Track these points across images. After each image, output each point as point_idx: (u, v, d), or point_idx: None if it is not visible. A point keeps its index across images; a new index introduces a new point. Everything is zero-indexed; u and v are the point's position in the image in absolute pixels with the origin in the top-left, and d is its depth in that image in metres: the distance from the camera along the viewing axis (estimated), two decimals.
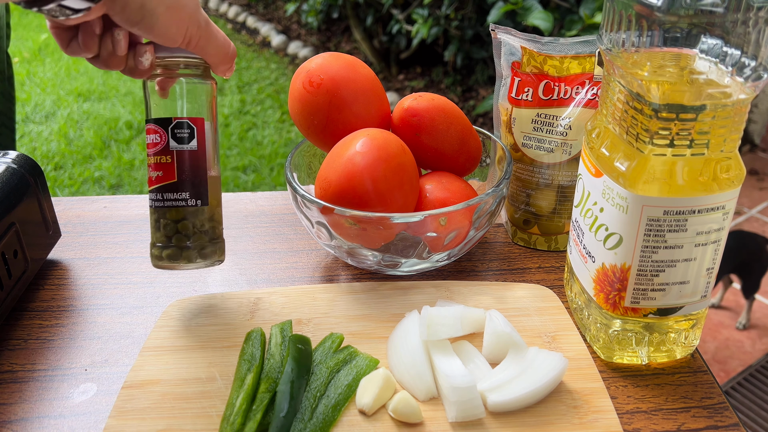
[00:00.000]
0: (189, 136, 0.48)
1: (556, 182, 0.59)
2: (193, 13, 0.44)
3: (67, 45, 0.43)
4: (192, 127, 0.48)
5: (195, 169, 0.49)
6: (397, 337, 0.49)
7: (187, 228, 0.49)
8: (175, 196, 0.48)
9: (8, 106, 0.92)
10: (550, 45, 0.58)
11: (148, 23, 0.41)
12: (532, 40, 0.58)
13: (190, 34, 0.44)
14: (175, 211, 0.49)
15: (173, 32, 0.43)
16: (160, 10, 0.41)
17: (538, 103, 0.58)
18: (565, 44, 0.57)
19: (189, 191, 0.49)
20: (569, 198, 0.60)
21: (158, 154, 0.48)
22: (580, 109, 0.57)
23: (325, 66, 0.55)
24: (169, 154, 0.48)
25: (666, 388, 0.47)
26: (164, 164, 0.48)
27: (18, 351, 0.52)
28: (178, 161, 0.48)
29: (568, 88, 0.57)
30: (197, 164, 0.49)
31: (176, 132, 0.48)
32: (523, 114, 0.59)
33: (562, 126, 0.58)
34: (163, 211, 0.49)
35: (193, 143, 0.48)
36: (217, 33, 0.46)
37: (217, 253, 0.51)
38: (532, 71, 0.58)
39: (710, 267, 0.45)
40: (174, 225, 0.49)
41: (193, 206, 0.49)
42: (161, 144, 0.48)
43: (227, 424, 0.43)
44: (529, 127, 0.59)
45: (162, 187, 0.48)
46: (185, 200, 0.49)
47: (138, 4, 0.40)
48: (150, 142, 0.48)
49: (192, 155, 0.48)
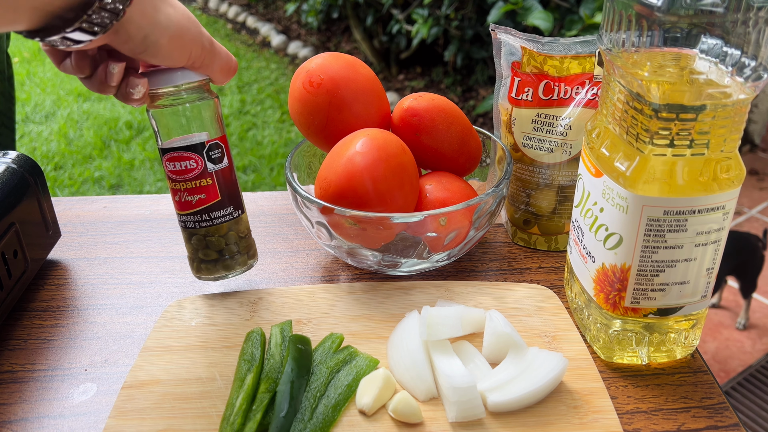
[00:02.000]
0: (221, 155, 0.50)
1: (556, 182, 0.59)
2: (196, 38, 0.44)
3: (60, 63, 0.43)
4: (221, 145, 0.51)
5: (231, 184, 0.52)
6: (397, 337, 0.49)
7: (234, 238, 0.53)
8: (222, 213, 0.52)
9: (8, 106, 0.92)
10: (550, 45, 0.58)
11: (152, 52, 0.41)
12: (532, 40, 0.58)
13: (194, 57, 0.44)
14: (224, 227, 0.52)
15: (176, 57, 0.43)
16: (164, 41, 0.41)
17: (538, 103, 0.58)
18: (565, 44, 0.57)
19: (232, 205, 0.52)
20: (569, 198, 0.60)
21: (197, 179, 0.50)
22: (580, 109, 0.57)
23: (325, 66, 0.55)
24: (209, 176, 0.50)
25: (666, 388, 0.47)
26: (205, 187, 0.50)
27: (18, 351, 0.52)
28: (218, 181, 0.51)
29: (568, 88, 0.57)
30: (232, 178, 0.52)
31: (211, 154, 0.50)
32: (523, 114, 0.59)
33: (562, 126, 0.58)
34: (212, 229, 0.52)
35: (225, 160, 0.51)
36: (220, 51, 0.46)
37: (256, 252, 0.57)
38: (532, 71, 0.58)
39: (710, 267, 0.45)
40: (222, 239, 0.53)
41: (237, 217, 0.53)
42: (199, 168, 0.50)
43: (227, 424, 0.43)
44: (529, 127, 0.59)
45: (207, 207, 0.51)
46: (230, 214, 0.52)
47: (141, 36, 0.40)
48: (180, 168, 0.50)
49: (226, 171, 0.51)
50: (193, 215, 0.51)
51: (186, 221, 0.52)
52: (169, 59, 0.43)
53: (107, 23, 0.37)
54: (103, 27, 0.37)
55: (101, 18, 0.37)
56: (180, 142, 0.49)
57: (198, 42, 0.44)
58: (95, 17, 0.37)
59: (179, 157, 0.49)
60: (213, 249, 0.53)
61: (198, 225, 0.52)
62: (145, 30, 0.40)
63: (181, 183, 0.50)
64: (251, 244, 0.56)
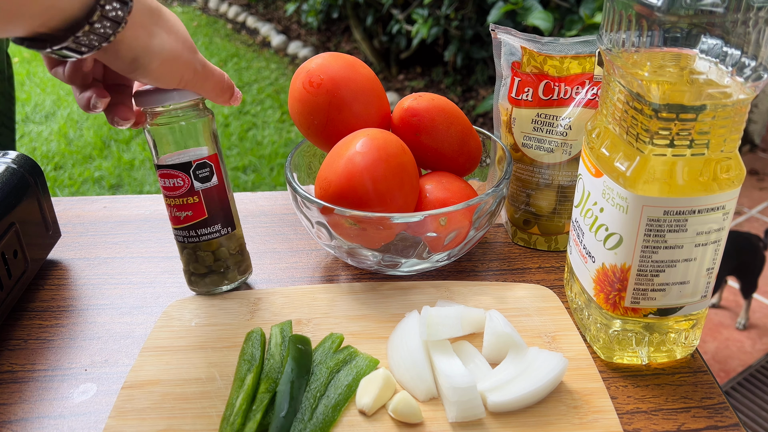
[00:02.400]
0: (210, 174, 0.51)
1: (556, 182, 0.59)
2: (189, 62, 0.43)
3: (52, 68, 0.43)
4: (210, 164, 0.51)
5: (221, 202, 0.52)
6: (397, 337, 0.49)
7: (224, 254, 0.54)
8: (209, 230, 0.52)
9: (8, 106, 0.92)
10: (550, 45, 0.58)
11: (141, 74, 0.41)
12: (532, 40, 0.58)
13: (186, 80, 0.44)
14: (212, 243, 0.53)
15: (167, 80, 0.43)
16: (154, 65, 0.40)
17: (538, 103, 0.58)
18: (565, 44, 0.57)
19: (220, 222, 0.53)
20: (569, 198, 0.60)
21: (183, 197, 0.51)
22: (580, 109, 0.57)
23: (325, 66, 0.55)
24: (195, 195, 0.51)
25: (666, 388, 0.47)
26: (192, 204, 0.51)
27: (18, 351, 0.52)
28: (205, 199, 0.51)
29: (568, 88, 0.57)
30: (222, 197, 0.52)
31: (198, 173, 0.50)
32: (523, 114, 0.59)
33: (562, 126, 0.58)
34: (200, 245, 0.53)
35: (214, 179, 0.51)
36: (213, 72, 0.46)
37: (249, 266, 0.57)
38: (532, 71, 0.58)
39: (710, 267, 0.44)
40: (211, 254, 0.54)
41: (226, 234, 0.54)
42: (185, 187, 0.50)
43: (227, 424, 0.43)
44: (529, 127, 0.59)
45: (194, 224, 0.52)
46: (218, 231, 0.53)
47: (131, 58, 0.39)
48: (170, 185, 0.50)
49: (216, 190, 0.52)
50: (182, 230, 0.52)
51: (177, 235, 0.53)
52: (159, 82, 0.42)
53: (95, 45, 0.37)
54: (90, 48, 0.37)
55: (89, 40, 0.36)
56: (170, 160, 0.50)
57: (190, 66, 0.43)
58: (83, 39, 0.36)
59: (168, 174, 0.50)
60: (201, 264, 0.54)
61: (186, 240, 0.53)
62: (136, 52, 0.39)
63: (171, 199, 0.51)
64: (244, 260, 0.57)
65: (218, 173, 0.52)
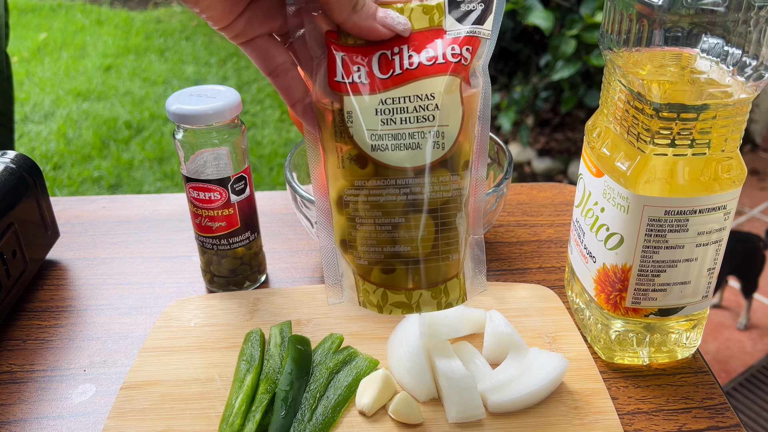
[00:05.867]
0: (244, 186, 0.53)
1: (432, 197, 0.38)
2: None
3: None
4: (245, 177, 0.53)
5: (251, 211, 0.55)
6: (397, 337, 0.48)
7: (249, 257, 0.56)
8: (240, 238, 0.54)
9: (7, 106, 0.92)
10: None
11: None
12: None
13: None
14: (240, 249, 0.55)
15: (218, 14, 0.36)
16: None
17: (377, 85, 0.37)
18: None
19: (250, 230, 0.55)
20: (450, 225, 0.38)
21: (221, 209, 0.52)
22: (446, 78, 0.37)
23: None
24: (231, 207, 0.53)
25: (667, 388, 0.47)
26: (226, 216, 0.53)
27: (17, 351, 0.51)
28: (239, 210, 0.53)
29: (414, 53, 0.37)
30: (252, 206, 0.55)
31: (236, 187, 0.52)
32: (361, 105, 0.37)
33: (426, 109, 0.37)
34: (231, 252, 0.55)
35: (247, 190, 0.53)
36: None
37: (266, 265, 0.59)
38: (357, 41, 0.38)
39: (711, 267, 0.44)
40: (238, 259, 0.55)
41: (254, 239, 0.56)
42: (222, 200, 0.52)
43: (226, 425, 0.42)
44: (375, 121, 0.37)
45: (227, 234, 0.54)
46: (248, 238, 0.55)
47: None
48: (205, 198, 0.52)
49: (248, 201, 0.54)
50: (212, 239, 0.53)
51: (204, 242, 0.54)
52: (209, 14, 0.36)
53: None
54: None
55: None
56: (206, 174, 0.51)
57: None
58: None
59: (204, 188, 0.51)
60: (225, 267, 0.55)
61: (216, 247, 0.54)
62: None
63: (204, 210, 0.52)
64: (262, 260, 0.58)
65: (250, 185, 0.54)
